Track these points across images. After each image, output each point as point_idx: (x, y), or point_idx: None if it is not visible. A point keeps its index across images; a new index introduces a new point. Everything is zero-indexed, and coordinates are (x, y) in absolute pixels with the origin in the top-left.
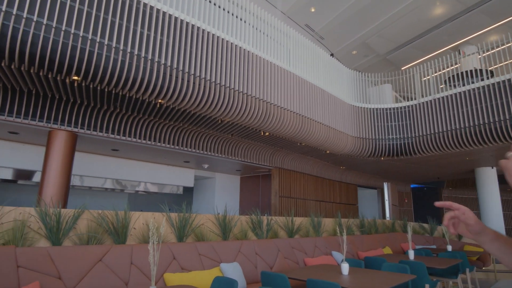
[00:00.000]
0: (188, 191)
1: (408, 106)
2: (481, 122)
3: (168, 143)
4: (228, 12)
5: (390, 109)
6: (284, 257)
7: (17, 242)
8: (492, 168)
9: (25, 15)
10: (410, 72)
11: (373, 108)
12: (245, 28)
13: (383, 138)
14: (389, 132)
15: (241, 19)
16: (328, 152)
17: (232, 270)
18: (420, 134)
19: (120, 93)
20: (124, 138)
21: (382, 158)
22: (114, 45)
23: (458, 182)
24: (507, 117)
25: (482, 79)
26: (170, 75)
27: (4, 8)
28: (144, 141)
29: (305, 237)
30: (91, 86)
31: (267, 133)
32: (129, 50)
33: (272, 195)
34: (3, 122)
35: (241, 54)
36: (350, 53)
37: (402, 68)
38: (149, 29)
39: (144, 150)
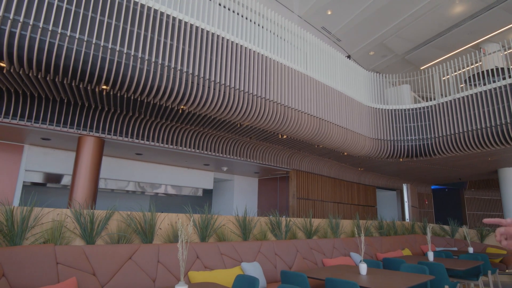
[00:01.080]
0: (208, 193)
1: (428, 107)
2: (503, 122)
3: (189, 147)
4: (246, 18)
5: (408, 110)
6: (302, 258)
7: (56, 241)
8: None
9: (59, 30)
10: (429, 72)
11: (391, 109)
12: (263, 34)
13: (402, 139)
14: (408, 133)
15: (258, 25)
16: (345, 154)
17: (253, 269)
18: (440, 134)
19: (145, 100)
20: (147, 142)
21: (401, 160)
22: (140, 55)
23: (481, 183)
24: None
25: (504, 78)
26: (192, 82)
27: (41, 24)
28: (166, 145)
29: (323, 238)
30: (118, 94)
31: (284, 136)
32: (153, 59)
33: (290, 197)
34: (37, 129)
35: (259, 60)
36: (367, 54)
37: (421, 68)
38: (171, 39)
39: (166, 153)
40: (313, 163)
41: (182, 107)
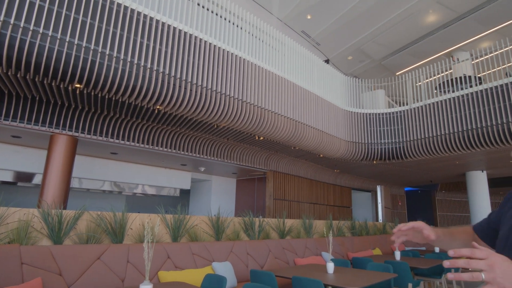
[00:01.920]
0: (185, 193)
1: (401, 111)
2: (469, 128)
3: (166, 147)
4: (225, 19)
5: (383, 114)
6: (274, 257)
7: (21, 241)
8: (482, 171)
9: (31, 27)
10: (403, 77)
11: (366, 113)
12: (241, 36)
13: (376, 142)
14: (381, 136)
15: (237, 26)
16: (321, 156)
17: (224, 268)
18: (412, 138)
19: (120, 100)
20: (123, 142)
21: (375, 162)
22: (115, 54)
23: (451, 185)
24: (494, 123)
25: (471, 86)
26: (168, 83)
27: (12, 21)
28: (142, 145)
29: (296, 238)
30: (92, 93)
31: (261, 138)
32: (129, 59)
33: (267, 198)
34: (6, 127)
35: (236, 62)
36: (346, 59)
37: (397, 74)
38: (148, 39)
39: (142, 153)
40: (290, 164)
41: (158, 107)
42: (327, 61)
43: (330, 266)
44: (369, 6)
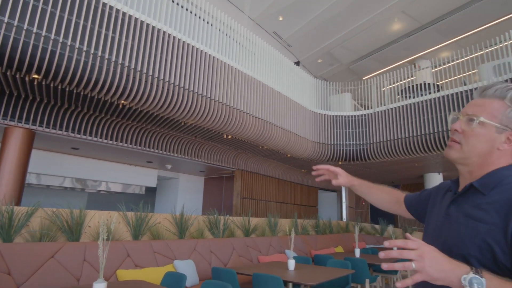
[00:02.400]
0: (152, 191)
1: (365, 115)
2: (428, 132)
3: (130, 143)
4: (195, 15)
5: (349, 116)
6: (238, 255)
7: None
8: (439, 173)
9: None
10: (369, 82)
11: (333, 115)
12: (211, 34)
13: (341, 144)
14: (347, 138)
15: (208, 23)
16: (289, 155)
17: (186, 266)
18: (375, 141)
19: (82, 93)
20: (84, 137)
21: (340, 163)
22: (77, 45)
23: (411, 187)
24: (449, 128)
25: (430, 92)
26: (134, 77)
27: None
28: (105, 141)
29: (261, 236)
30: (51, 84)
31: (229, 136)
32: (92, 51)
33: (234, 197)
34: None
35: (205, 59)
36: (316, 62)
37: (364, 78)
38: (113, 31)
39: (105, 149)
40: (258, 163)
41: (122, 102)
42: (297, 63)
43: (291, 263)
44: (339, 11)
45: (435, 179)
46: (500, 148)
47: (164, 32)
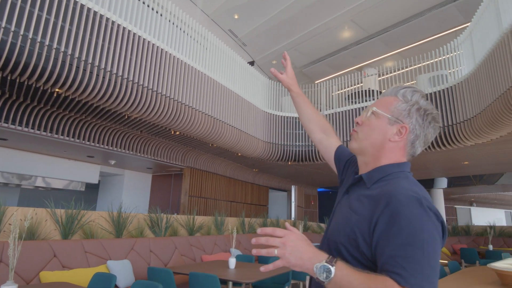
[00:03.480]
0: (94, 188)
1: None
2: None
3: (67, 136)
4: (143, 3)
5: (298, 118)
6: (181, 255)
7: None
8: None
9: None
10: (319, 86)
11: (284, 116)
12: (160, 24)
13: (291, 144)
14: (296, 139)
15: (157, 12)
16: (239, 154)
17: (120, 267)
18: None
19: (9, 78)
20: (13, 126)
21: (290, 163)
22: (3, 25)
23: None
24: None
25: (374, 99)
26: (70, 64)
27: None
28: (38, 132)
29: (206, 235)
30: None
31: (177, 132)
32: (21, 32)
33: (182, 195)
34: None
35: (153, 50)
36: (270, 63)
37: (316, 82)
38: (48, 12)
39: (39, 141)
40: (208, 161)
41: (56, 90)
42: (252, 63)
43: (232, 262)
44: (293, 14)
45: None
46: (392, 140)
47: (107, 19)
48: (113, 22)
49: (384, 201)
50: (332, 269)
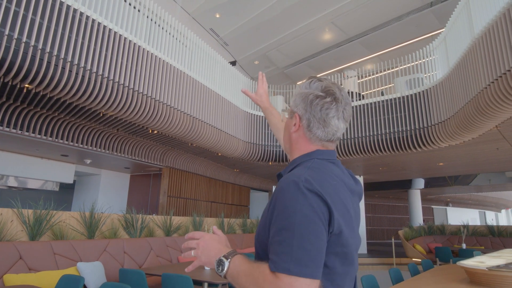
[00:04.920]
0: (69, 188)
1: None
2: (350, 137)
3: (39, 134)
4: None
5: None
6: (156, 256)
7: None
8: (360, 176)
9: None
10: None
11: (265, 116)
12: (137, 21)
13: (271, 144)
14: (276, 139)
15: (134, 8)
16: (220, 154)
17: (91, 269)
18: None
19: None
20: None
21: (270, 163)
22: None
23: None
24: (370, 133)
25: (354, 100)
26: (41, 59)
27: None
28: (7, 129)
29: (183, 235)
30: None
31: (155, 131)
32: None
33: (161, 195)
34: None
35: (130, 47)
36: (252, 63)
37: (298, 83)
38: (17, 5)
39: (10, 139)
40: (188, 161)
41: (26, 85)
42: (234, 63)
43: None
44: (275, 15)
45: None
46: (292, 131)
47: (82, 13)
48: (87, 17)
49: (277, 189)
50: (226, 262)
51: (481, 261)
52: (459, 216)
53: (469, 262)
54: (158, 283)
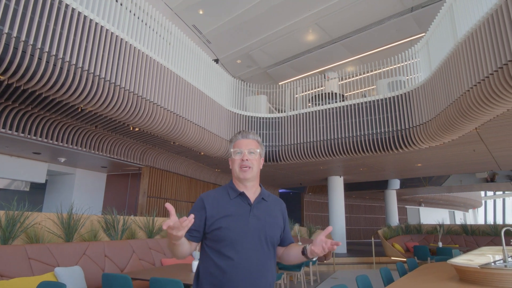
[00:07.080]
0: (41, 188)
1: (279, 118)
2: (333, 137)
3: (10, 129)
4: None
5: (263, 118)
6: (139, 259)
7: None
8: (340, 177)
9: None
10: (284, 87)
11: (248, 116)
12: (119, 13)
13: None
14: (261, 139)
15: (117, 1)
16: (202, 153)
17: (70, 274)
18: (286, 143)
19: None
20: None
21: None
22: None
23: (316, 188)
24: (351, 134)
25: (336, 101)
26: (15, 48)
27: None
28: None
29: (166, 237)
30: None
31: (136, 129)
32: None
33: (140, 195)
34: None
35: (111, 39)
36: (234, 62)
37: (280, 83)
38: None
39: None
40: (169, 160)
41: None
42: (216, 61)
43: (195, 265)
44: (258, 14)
45: (336, 182)
46: (261, 167)
47: (60, 1)
48: (67, 6)
49: (280, 202)
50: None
51: (469, 259)
52: (431, 216)
53: (459, 261)
54: (144, 286)
